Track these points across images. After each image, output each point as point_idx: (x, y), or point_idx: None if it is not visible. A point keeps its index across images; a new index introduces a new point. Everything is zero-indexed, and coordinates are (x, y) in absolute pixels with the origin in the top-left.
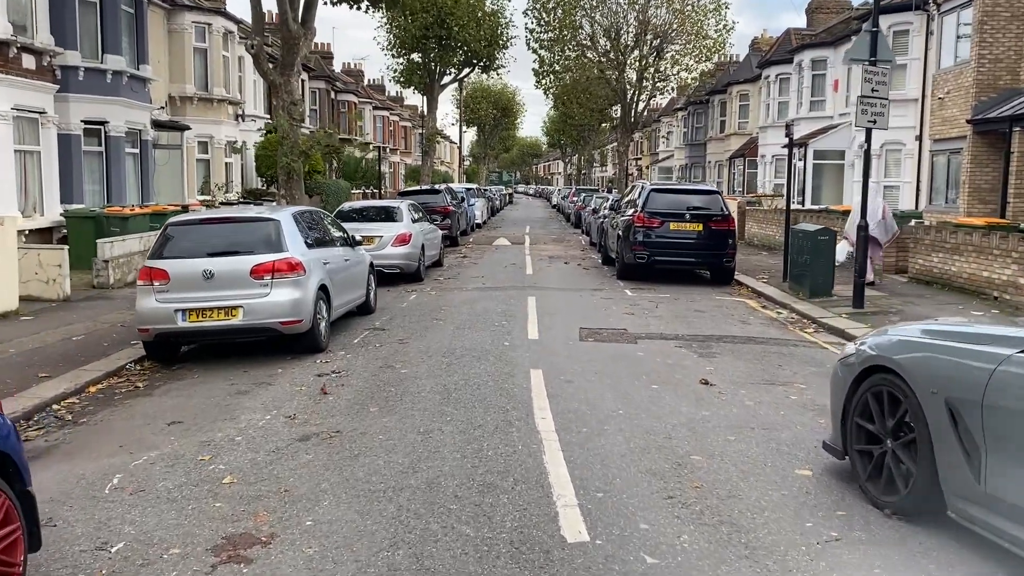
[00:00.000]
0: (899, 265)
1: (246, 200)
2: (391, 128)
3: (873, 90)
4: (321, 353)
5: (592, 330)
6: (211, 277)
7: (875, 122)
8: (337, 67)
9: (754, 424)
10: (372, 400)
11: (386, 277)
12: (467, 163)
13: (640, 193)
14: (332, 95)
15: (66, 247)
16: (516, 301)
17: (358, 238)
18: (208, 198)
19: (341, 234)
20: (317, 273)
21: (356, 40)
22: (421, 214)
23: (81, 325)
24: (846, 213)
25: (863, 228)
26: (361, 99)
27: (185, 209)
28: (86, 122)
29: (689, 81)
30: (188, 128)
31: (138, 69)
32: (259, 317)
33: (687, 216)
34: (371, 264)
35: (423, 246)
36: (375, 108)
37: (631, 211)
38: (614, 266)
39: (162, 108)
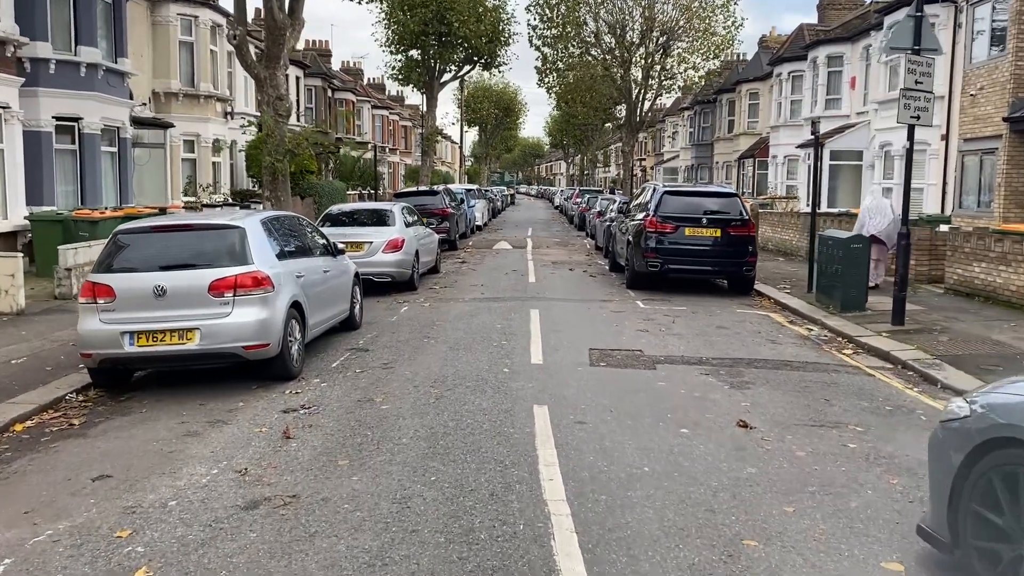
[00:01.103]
0: (932, 274)
1: (233, 202)
2: (391, 127)
3: (917, 82)
4: (292, 381)
5: (604, 351)
6: (163, 294)
7: (919, 117)
8: (336, 66)
9: (813, 486)
10: (342, 449)
11: (377, 286)
12: (468, 163)
13: (652, 196)
14: (329, 93)
15: (20, 254)
16: (518, 314)
17: (340, 246)
18: (193, 199)
19: (322, 242)
20: (289, 288)
21: (356, 40)
22: (416, 217)
23: (27, 344)
24: None
25: (905, 236)
26: (360, 98)
27: (163, 212)
28: (58, 118)
29: (696, 80)
30: (172, 126)
31: (116, 62)
32: (219, 341)
33: (704, 220)
34: (356, 275)
35: (417, 252)
36: (374, 107)
37: (642, 215)
38: (623, 273)
39: (144, 104)
